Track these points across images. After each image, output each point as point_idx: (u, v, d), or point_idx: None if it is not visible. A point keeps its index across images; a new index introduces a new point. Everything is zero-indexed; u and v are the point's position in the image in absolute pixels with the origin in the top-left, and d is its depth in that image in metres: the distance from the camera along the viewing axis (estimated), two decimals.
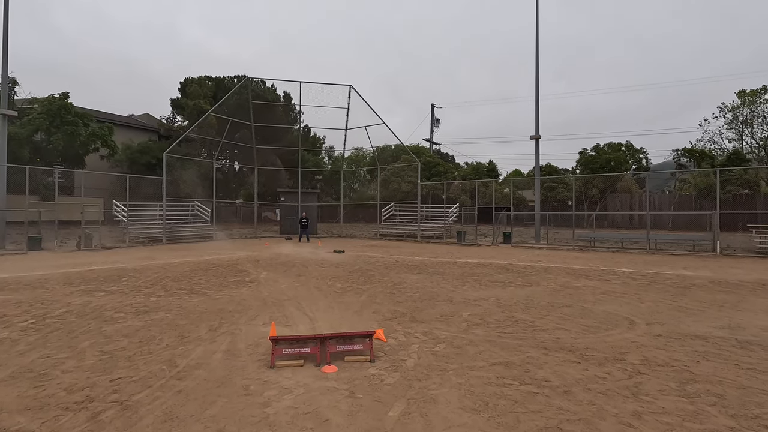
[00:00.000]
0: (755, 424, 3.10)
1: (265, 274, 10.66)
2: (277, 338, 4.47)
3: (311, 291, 8.51)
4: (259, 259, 13.88)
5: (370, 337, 4.62)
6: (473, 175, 40.11)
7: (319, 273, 10.95)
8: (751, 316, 6.42)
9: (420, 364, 4.40)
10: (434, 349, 4.88)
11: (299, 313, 6.64)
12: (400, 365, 4.36)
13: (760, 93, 39.23)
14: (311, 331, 5.63)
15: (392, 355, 4.70)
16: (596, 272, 11.29)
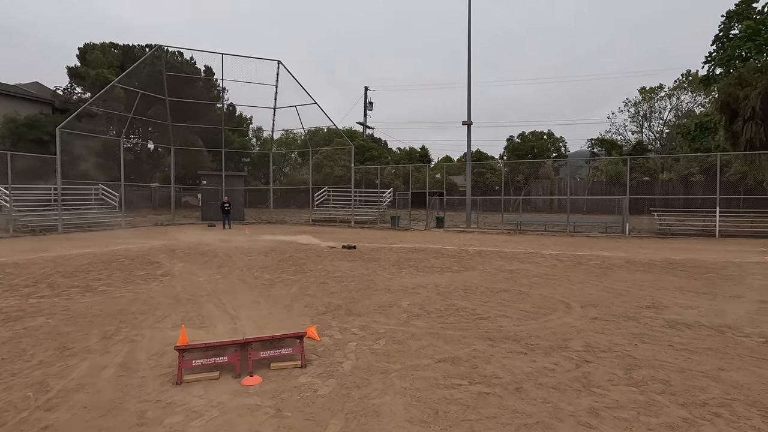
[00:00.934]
0: (705, 411, 3.01)
1: (181, 266, 9.47)
2: (186, 347, 3.68)
3: (234, 284, 7.62)
4: (176, 249, 12.45)
5: (301, 339, 4.00)
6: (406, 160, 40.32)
7: (245, 263, 9.98)
8: (669, 295, 6.78)
9: (359, 366, 3.89)
10: (374, 347, 4.39)
11: (219, 311, 5.80)
12: (335, 370, 3.81)
13: (656, 91, 43.77)
14: (232, 332, 4.86)
15: (327, 357, 4.13)
16: (526, 255, 11.59)
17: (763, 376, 3.63)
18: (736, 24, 29.82)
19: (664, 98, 43.07)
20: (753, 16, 29.25)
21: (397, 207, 25.10)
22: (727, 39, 30.14)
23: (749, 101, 18.61)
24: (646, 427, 2.80)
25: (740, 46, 28.72)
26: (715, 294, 6.82)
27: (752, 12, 29.40)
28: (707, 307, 6.00)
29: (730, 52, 29.15)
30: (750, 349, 4.28)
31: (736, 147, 20.01)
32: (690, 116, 38.01)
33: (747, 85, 19.26)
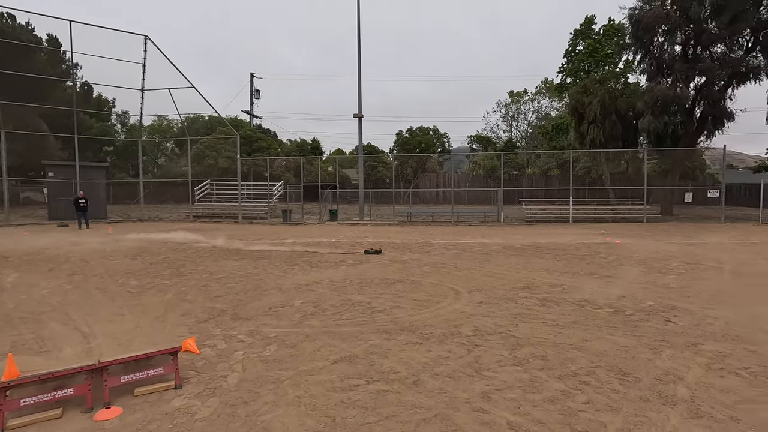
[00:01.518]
0: (577, 381, 3.32)
1: (16, 277, 7.68)
2: (9, 384, 2.86)
3: (90, 294, 6.40)
4: (9, 256, 10.12)
5: (174, 355, 3.43)
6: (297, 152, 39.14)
7: (106, 268, 8.51)
8: (539, 275, 7.59)
9: (246, 378, 3.48)
10: (264, 354, 4.00)
11: (67, 330, 4.76)
12: (218, 386, 3.35)
13: (522, 95, 49.48)
14: (85, 354, 4.00)
15: (208, 371, 3.62)
16: (417, 245, 12.04)
17: (616, 342, 4.18)
18: (581, 41, 35.10)
19: (528, 102, 48.95)
20: (593, 36, 34.72)
21: (289, 200, 24.20)
22: (575, 54, 35.34)
23: (592, 107, 22.02)
24: (531, 405, 2.97)
25: (584, 60, 33.90)
26: (573, 272, 7.83)
27: (592, 32, 34.88)
28: (569, 284, 6.84)
29: (577, 64, 34.23)
30: (604, 320, 4.93)
31: (583, 145, 23.57)
32: (548, 118, 43.82)
33: (590, 93, 22.74)
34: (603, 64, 32.62)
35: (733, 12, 18.25)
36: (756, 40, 19.66)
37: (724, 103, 20.87)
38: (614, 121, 21.78)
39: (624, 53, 23.65)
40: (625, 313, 5.16)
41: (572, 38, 35.43)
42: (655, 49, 20.96)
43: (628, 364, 3.65)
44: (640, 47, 21.09)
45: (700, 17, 19.31)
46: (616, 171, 27.96)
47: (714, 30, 19.33)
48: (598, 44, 33.39)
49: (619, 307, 5.46)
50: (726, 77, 19.81)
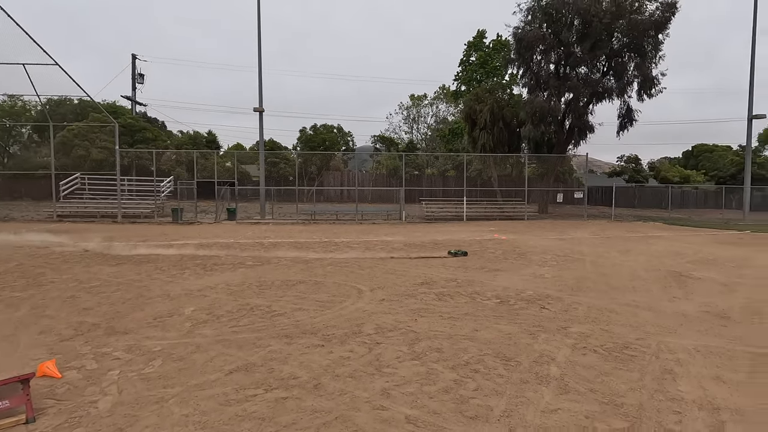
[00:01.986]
0: (468, 370, 3.57)
1: None
2: None
3: None
4: None
5: (25, 383, 2.88)
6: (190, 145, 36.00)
7: None
8: (436, 271, 8.03)
9: (122, 401, 3.07)
10: (145, 371, 3.57)
11: None
12: (86, 413, 2.90)
13: (422, 98, 51.99)
14: None
15: (72, 398, 3.11)
16: (320, 244, 11.91)
17: (501, 330, 4.59)
18: (474, 53, 38.04)
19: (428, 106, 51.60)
20: (484, 48, 37.85)
21: (180, 198, 22.16)
22: (468, 64, 38.18)
23: (483, 115, 24.03)
24: (428, 397, 3.11)
25: (476, 70, 36.79)
26: (467, 267, 8.44)
27: (483, 45, 38.00)
28: (463, 278, 7.35)
29: (470, 74, 37.03)
30: (492, 310, 5.39)
31: (475, 149, 25.62)
32: (446, 122, 46.71)
33: (481, 101, 24.79)
34: (492, 75, 35.83)
35: (592, 40, 21.40)
36: (609, 66, 23.31)
37: (587, 117, 24.40)
38: (501, 128, 24.06)
39: (510, 67, 26.24)
40: (509, 303, 5.71)
41: (466, 49, 38.25)
42: (535, 65, 23.63)
43: (511, 349, 4.03)
44: (523, 63, 23.60)
45: (569, 42, 22.27)
46: (503, 173, 30.92)
47: (579, 54, 22.46)
48: (488, 57, 36.56)
49: (504, 297, 6.02)
50: (588, 95, 23.16)
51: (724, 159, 42.67)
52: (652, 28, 21.75)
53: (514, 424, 2.74)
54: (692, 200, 35.63)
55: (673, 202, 30.70)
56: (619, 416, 2.82)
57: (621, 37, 22.45)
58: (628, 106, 24.26)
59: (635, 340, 4.29)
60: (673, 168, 44.57)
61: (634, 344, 4.18)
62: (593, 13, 20.90)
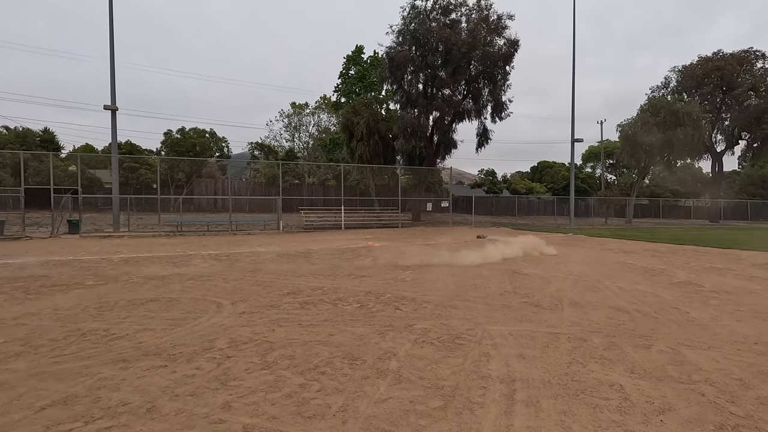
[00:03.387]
0: (316, 373, 3.72)
1: None
2: None
3: None
4: None
5: None
6: (18, 145, 29.92)
7: None
8: (305, 280, 8.09)
9: None
10: None
11: None
12: None
13: (303, 107, 51.76)
14: None
15: None
16: (183, 258, 11.02)
17: (354, 332, 4.87)
18: (353, 66, 39.34)
19: (309, 115, 51.53)
20: (362, 63, 39.39)
21: (3, 208, 18.23)
22: (348, 77, 39.32)
23: (360, 127, 24.97)
24: (270, 404, 3.16)
25: (355, 83, 38.08)
26: (336, 275, 8.68)
27: (362, 60, 39.55)
28: (329, 286, 7.55)
29: (349, 87, 38.18)
30: (350, 314, 5.67)
31: (353, 160, 26.42)
32: (327, 132, 47.18)
33: (358, 114, 25.75)
34: (370, 89, 37.48)
35: (453, 65, 23.98)
36: (468, 90, 26.34)
37: (451, 134, 27.12)
38: (377, 141, 25.30)
39: (384, 84, 27.84)
40: (367, 307, 6.07)
41: (345, 63, 39.36)
42: (406, 84, 25.49)
43: (360, 349, 4.32)
44: (395, 81, 25.25)
45: (435, 65, 24.58)
46: (380, 183, 32.45)
47: (443, 77, 24.93)
48: (366, 71, 38.15)
49: (364, 302, 6.38)
50: (451, 114, 25.79)
51: (558, 174, 51.51)
52: (500, 60, 25.29)
53: (348, 417, 2.96)
54: (536, 208, 42.13)
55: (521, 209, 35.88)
56: (437, 397, 3.26)
57: (477, 65, 25.62)
58: (484, 126, 27.75)
59: (466, 331, 4.96)
60: (522, 181, 52.12)
61: (465, 334, 4.84)
62: (453, 42, 23.48)
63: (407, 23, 24.99)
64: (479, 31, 24.37)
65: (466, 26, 24.94)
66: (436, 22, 24.83)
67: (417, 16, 24.83)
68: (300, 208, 24.81)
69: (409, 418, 2.96)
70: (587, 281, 8.27)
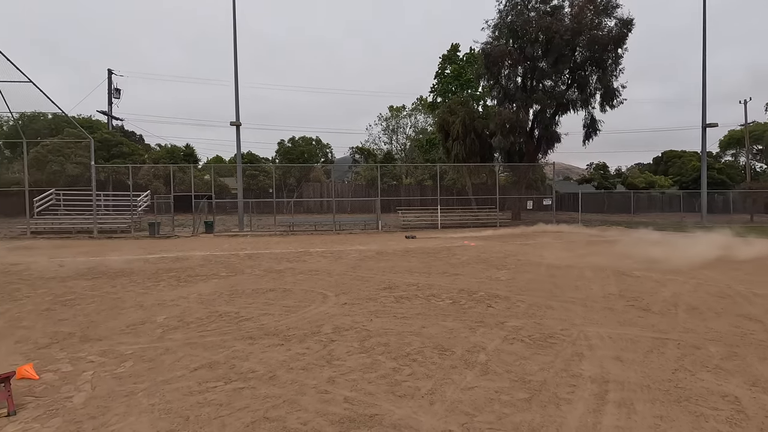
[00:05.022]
0: (408, 360, 4.07)
1: None
2: None
3: None
4: None
5: (5, 381, 3.25)
6: (168, 159, 35.93)
7: None
8: (401, 276, 8.53)
9: (95, 395, 3.45)
10: (117, 371, 3.95)
11: None
12: (62, 406, 3.28)
13: (401, 110, 52.97)
14: None
15: (49, 395, 3.48)
16: (295, 254, 12.30)
17: (445, 326, 5.11)
18: (448, 65, 39.19)
19: (406, 117, 52.59)
20: (458, 61, 39.03)
21: (157, 212, 22.20)
22: (443, 76, 39.29)
23: (455, 126, 24.89)
24: (367, 382, 3.59)
25: (450, 82, 37.88)
26: (430, 272, 8.98)
27: (457, 58, 39.20)
28: (423, 282, 7.87)
29: (445, 86, 38.11)
30: (442, 309, 5.92)
31: (449, 159, 26.43)
32: (423, 133, 47.70)
33: (454, 113, 25.68)
34: (466, 87, 36.99)
35: (555, 55, 22.56)
36: (573, 79, 24.53)
37: (554, 127, 25.53)
38: (473, 139, 24.94)
39: (481, 80, 27.30)
40: (459, 303, 6.25)
41: (441, 62, 39.40)
42: (503, 79, 24.69)
43: (449, 342, 4.55)
44: (491, 77, 24.63)
45: (534, 56, 23.41)
46: (478, 182, 31.87)
47: (544, 68, 23.61)
48: (462, 69, 37.74)
49: (457, 298, 6.57)
50: (554, 107, 24.28)
51: (688, 164, 44.80)
52: (611, 43, 23.07)
53: (435, 399, 3.24)
54: (658, 204, 37.29)
55: (639, 206, 32.14)
56: (523, 390, 3.36)
57: (583, 51, 23.73)
58: (592, 116, 25.54)
59: (560, 331, 4.87)
60: (642, 174, 46.48)
61: (558, 334, 4.76)
62: (555, 30, 22.10)
63: (503, 16, 24.21)
64: (585, 14, 22.57)
65: (570, 11, 23.28)
66: (535, 11, 23.65)
67: (514, 8, 23.93)
68: (398, 208, 25.62)
69: (493, 405, 3.13)
70: (713, 286, 7.32)
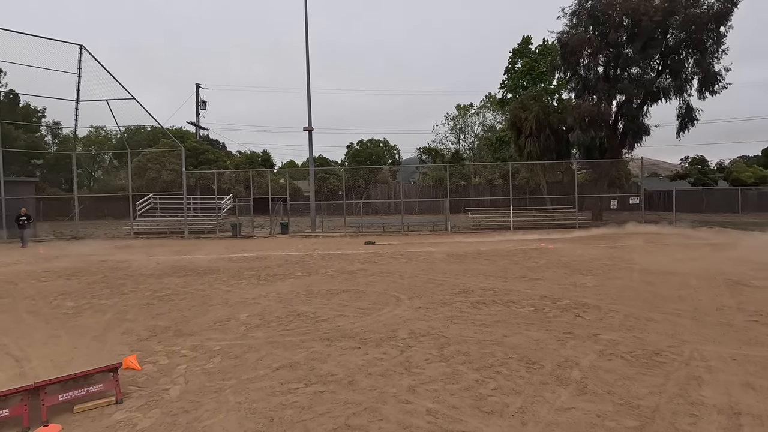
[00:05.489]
0: (491, 372, 3.80)
1: None
2: None
3: (21, 318, 6.15)
4: None
5: (114, 371, 3.53)
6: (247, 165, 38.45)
7: (38, 290, 8.12)
8: (476, 280, 8.18)
9: (188, 389, 3.64)
10: (207, 366, 4.15)
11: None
12: (160, 398, 3.49)
13: (468, 108, 51.74)
14: (18, 378, 3.96)
15: (149, 386, 3.73)
16: (366, 255, 12.40)
17: (530, 336, 4.74)
18: (519, 60, 37.47)
19: (474, 115, 51.25)
20: (529, 54, 37.18)
21: (238, 214, 23.77)
22: (514, 71, 37.63)
23: (528, 122, 23.64)
24: (449, 393, 3.39)
25: (522, 77, 36.18)
26: (506, 277, 8.51)
27: (529, 51, 37.34)
28: (501, 287, 7.46)
29: (516, 81, 36.47)
30: (524, 317, 5.52)
31: (521, 157, 25.17)
32: (492, 131, 46.13)
33: (526, 109, 24.41)
34: (539, 81, 35.07)
35: (643, 39, 20.51)
36: (665, 64, 22.13)
37: (642, 119, 23.22)
38: (548, 135, 23.50)
39: (556, 72, 25.64)
40: (543, 311, 5.80)
41: (511, 56, 37.77)
42: (581, 69, 22.97)
43: (536, 354, 4.19)
44: (568, 68, 23.02)
45: (618, 42, 21.48)
46: (553, 181, 30.01)
47: (630, 54, 21.57)
48: (534, 63, 35.85)
49: (539, 306, 6.10)
50: (641, 96, 22.09)
51: None
52: (711, 21, 20.42)
53: (527, 419, 2.95)
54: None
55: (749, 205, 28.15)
56: (631, 416, 2.94)
57: (676, 33, 21.28)
58: (688, 105, 22.79)
59: (667, 348, 4.27)
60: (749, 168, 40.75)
61: (666, 351, 4.18)
62: (643, 11, 20.05)
63: (582, 2, 22.49)
64: None
65: None
66: None
67: None
68: (467, 209, 24.95)
69: None
70: None
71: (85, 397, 3.38)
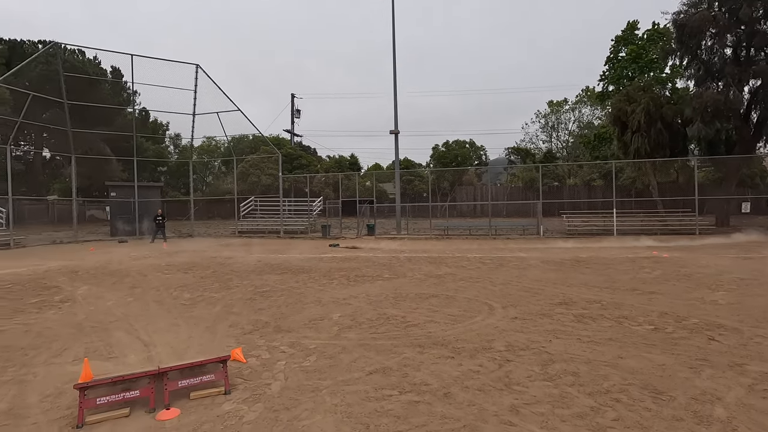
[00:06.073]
0: (608, 398, 3.34)
1: (85, 289, 8.48)
2: (87, 384, 3.29)
3: (149, 306, 6.99)
4: (79, 270, 11.14)
5: (224, 363, 3.77)
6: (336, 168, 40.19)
7: (162, 282, 9.22)
8: (577, 291, 7.46)
9: (288, 386, 3.75)
10: (304, 364, 4.27)
11: (130, 339, 5.27)
12: (263, 392, 3.64)
13: (562, 104, 48.32)
14: (146, 361, 4.44)
15: (254, 379, 3.93)
16: (453, 259, 12.08)
17: (652, 360, 4.11)
18: (623, 48, 33.98)
19: (569, 111, 47.70)
20: (636, 41, 33.55)
21: (328, 215, 24.89)
22: (617, 60, 34.22)
23: (635, 116, 21.25)
24: (560, 420, 3.03)
25: (626, 67, 32.75)
26: (614, 288, 7.63)
27: (635, 38, 33.70)
28: (608, 300, 6.69)
29: (619, 71, 33.12)
30: (642, 337, 4.84)
31: (626, 155, 22.71)
32: (590, 128, 42.47)
33: (633, 101, 21.97)
34: (648, 70, 31.40)
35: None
36: None
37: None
38: (660, 130, 20.87)
39: (670, 58, 22.72)
40: (665, 331, 5.03)
41: (614, 45, 34.37)
42: (703, 52, 20.04)
43: (663, 382, 3.61)
44: (686, 52, 20.24)
45: (752, 18, 18.34)
46: (665, 181, 26.62)
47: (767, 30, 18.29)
48: (641, 50, 32.22)
49: (660, 324, 5.32)
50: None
51: None
52: None
53: None
54: None
55: None
56: None
57: None
58: None
59: None
60: None
61: None
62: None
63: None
64: None
65: None
66: None
67: None
68: (561, 212, 23.19)
69: None
70: None
71: (199, 386, 3.65)
